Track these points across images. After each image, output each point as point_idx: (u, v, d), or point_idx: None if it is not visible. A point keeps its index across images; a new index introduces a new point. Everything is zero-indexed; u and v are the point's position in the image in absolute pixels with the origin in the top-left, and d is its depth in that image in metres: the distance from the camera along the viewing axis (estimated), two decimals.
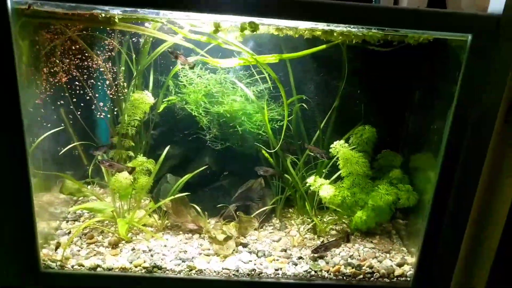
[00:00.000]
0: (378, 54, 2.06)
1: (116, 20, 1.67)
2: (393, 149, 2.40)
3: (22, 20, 1.61)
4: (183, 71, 2.23)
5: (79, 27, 1.90)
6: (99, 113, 2.27)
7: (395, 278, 2.07)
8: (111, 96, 2.24)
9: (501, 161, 1.79)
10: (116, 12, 1.65)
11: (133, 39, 2.19)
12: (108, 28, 1.99)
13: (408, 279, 2.06)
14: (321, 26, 1.81)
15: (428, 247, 1.97)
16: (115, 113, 2.29)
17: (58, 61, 2.03)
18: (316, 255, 2.11)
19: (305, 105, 2.35)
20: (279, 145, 2.25)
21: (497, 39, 1.62)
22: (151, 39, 2.14)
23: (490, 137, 1.80)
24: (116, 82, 2.21)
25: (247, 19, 1.71)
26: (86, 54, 2.08)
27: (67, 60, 2.07)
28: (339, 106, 2.33)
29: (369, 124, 2.31)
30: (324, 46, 2.00)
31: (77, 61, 2.10)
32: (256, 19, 1.70)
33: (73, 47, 2.04)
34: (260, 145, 2.37)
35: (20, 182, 1.75)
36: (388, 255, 2.21)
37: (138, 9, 1.63)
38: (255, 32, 1.75)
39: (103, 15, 1.64)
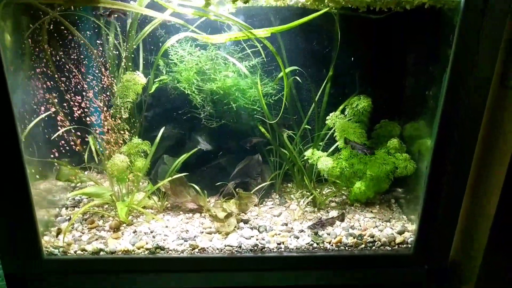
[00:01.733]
0: (372, 21, 2.02)
1: None
2: (390, 118, 2.38)
3: (4, 2, 1.56)
4: (173, 48, 2.18)
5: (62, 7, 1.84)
6: (90, 96, 2.24)
7: (397, 246, 2.09)
8: (101, 79, 2.20)
9: (499, 125, 1.78)
10: None
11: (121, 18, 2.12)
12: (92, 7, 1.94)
13: (409, 245, 2.08)
14: None
15: (427, 213, 1.98)
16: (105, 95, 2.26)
17: (44, 45, 1.98)
18: (313, 231, 2.12)
19: (298, 78, 2.32)
20: (277, 118, 2.22)
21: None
22: (138, 16, 2.08)
23: (486, 100, 1.79)
24: (106, 64, 2.16)
25: None
26: (73, 37, 2.02)
27: (54, 44, 2.03)
28: (334, 77, 2.30)
29: (364, 94, 2.29)
30: (315, 15, 1.94)
31: (64, 44, 2.05)
32: None
33: (59, 29, 1.98)
34: (258, 119, 2.35)
35: (15, 170, 1.74)
36: (388, 223, 2.23)
37: None
38: (247, 3, 1.70)
39: None
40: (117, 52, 2.19)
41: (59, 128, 2.15)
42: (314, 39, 2.30)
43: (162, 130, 2.29)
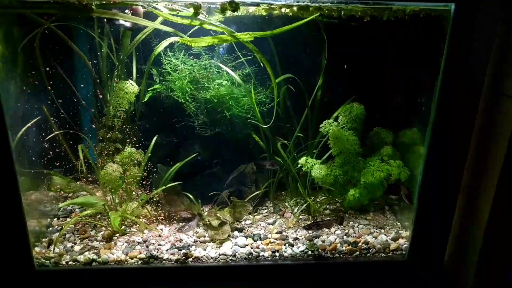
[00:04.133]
0: (362, 29, 2.04)
1: (93, 7, 1.61)
2: (384, 125, 2.40)
3: None
4: (166, 57, 2.18)
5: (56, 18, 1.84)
6: (83, 105, 2.23)
7: (391, 252, 2.09)
8: (94, 87, 2.20)
9: (491, 131, 1.80)
10: None
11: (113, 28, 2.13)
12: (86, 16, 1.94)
13: (404, 252, 2.09)
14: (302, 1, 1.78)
15: (421, 220, 1.99)
16: (98, 105, 2.25)
17: (37, 54, 1.97)
18: (308, 231, 2.11)
19: (291, 87, 2.33)
20: (270, 123, 2.22)
21: (480, 6, 1.62)
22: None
23: (478, 107, 1.81)
24: (99, 73, 2.16)
25: None
26: (66, 46, 2.02)
27: (47, 53, 2.02)
28: (325, 84, 2.31)
29: (357, 102, 2.30)
30: (300, 23, 1.93)
31: (56, 54, 2.05)
32: None
33: (52, 39, 1.98)
34: (252, 127, 2.35)
35: (6, 180, 1.71)
36: (382, 230, 2.23)
37: None
38: (235, 13, 1.71)
39: (79, 1, 1.58)
40: (110, 61, 2.19)
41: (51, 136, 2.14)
42: (306, 47, 2.32)
43: (155, 138, 2.28)
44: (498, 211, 1.80)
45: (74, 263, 1.95)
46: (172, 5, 1.79)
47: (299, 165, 2.33)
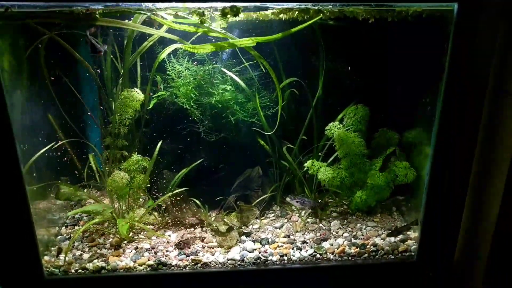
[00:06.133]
0: (364, 31, 2.04)
1: (97, 16, 1.63)
2: (389, 126, 2.39)
3: (1, 23, 1.57)
4: (170, 64, 2.19)
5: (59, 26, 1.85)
6: (89, 114, 2.24)
7: (400, 254, 2.08)
8: (99, 96, 2.21)
9: (497, 130, 1.79)
10: (97, 7, 1.61)
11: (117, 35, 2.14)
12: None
13: (413, 253, 2.07)
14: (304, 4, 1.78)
15: (429, 220, 1.98)
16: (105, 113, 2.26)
17: (43, 64, 1.99)
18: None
19: (295, 91, 2.33)
20: (274, 129, 2.23)
21: (484, 6, 1.62)
22: (134, 34, 2.09)
23: (483, 106, 1.81)
24: (103, 81, 2.18)
25: (230, 4, 1.68)
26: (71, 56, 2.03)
27: (52, 62, 2.04)
28: (327, 87, 2.31)
29: (362, 103, 2.30)
30: (301, 26, 1.91)
31: (62, 63, 2.06)
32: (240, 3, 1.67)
33: (57, 49, 1.99)
34: (257, 131, 2.35)
35: (15, 190, 1.72)
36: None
37: (120, 3, 1.60)
38: (237, 17, 1.72)
39: (84, 11, 1.60)
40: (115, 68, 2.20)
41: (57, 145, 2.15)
42: (310, 50, 2.32)
43: (159, 144, 2.28)
44: (507, 210, 1.79)
45: (83, 271, 1.95)
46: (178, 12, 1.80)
47: (305, 168, 2.33)
